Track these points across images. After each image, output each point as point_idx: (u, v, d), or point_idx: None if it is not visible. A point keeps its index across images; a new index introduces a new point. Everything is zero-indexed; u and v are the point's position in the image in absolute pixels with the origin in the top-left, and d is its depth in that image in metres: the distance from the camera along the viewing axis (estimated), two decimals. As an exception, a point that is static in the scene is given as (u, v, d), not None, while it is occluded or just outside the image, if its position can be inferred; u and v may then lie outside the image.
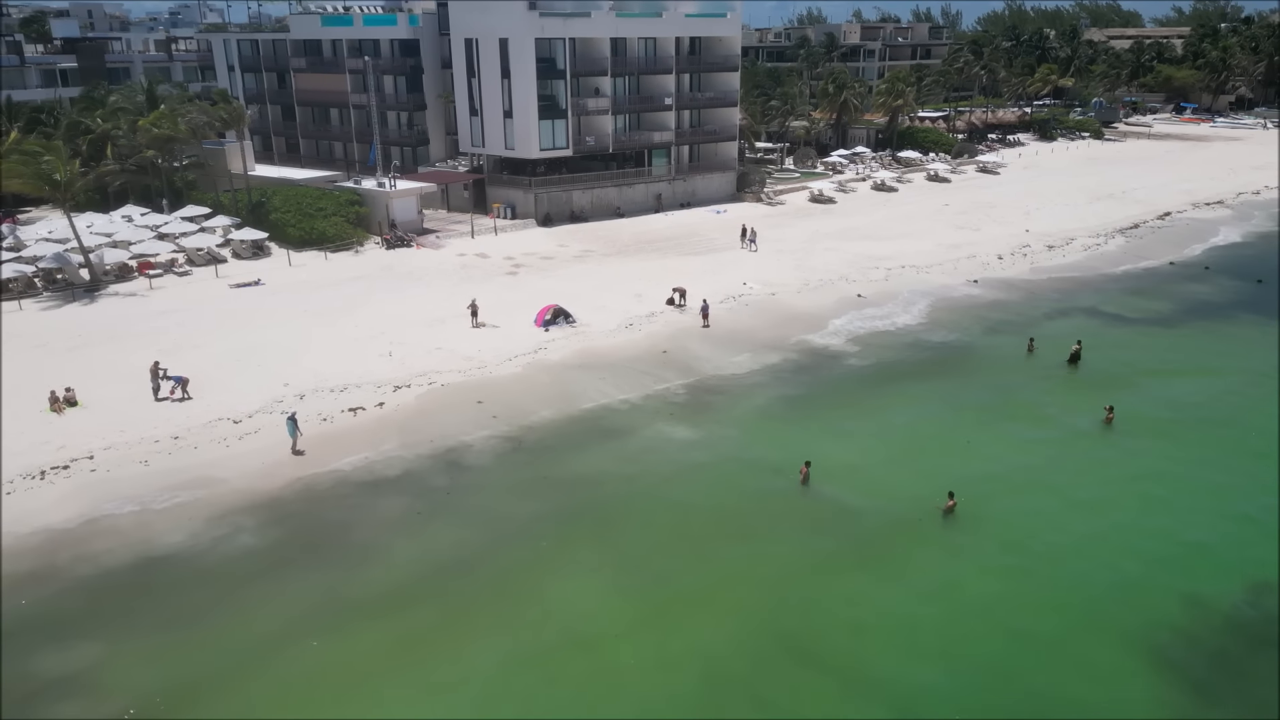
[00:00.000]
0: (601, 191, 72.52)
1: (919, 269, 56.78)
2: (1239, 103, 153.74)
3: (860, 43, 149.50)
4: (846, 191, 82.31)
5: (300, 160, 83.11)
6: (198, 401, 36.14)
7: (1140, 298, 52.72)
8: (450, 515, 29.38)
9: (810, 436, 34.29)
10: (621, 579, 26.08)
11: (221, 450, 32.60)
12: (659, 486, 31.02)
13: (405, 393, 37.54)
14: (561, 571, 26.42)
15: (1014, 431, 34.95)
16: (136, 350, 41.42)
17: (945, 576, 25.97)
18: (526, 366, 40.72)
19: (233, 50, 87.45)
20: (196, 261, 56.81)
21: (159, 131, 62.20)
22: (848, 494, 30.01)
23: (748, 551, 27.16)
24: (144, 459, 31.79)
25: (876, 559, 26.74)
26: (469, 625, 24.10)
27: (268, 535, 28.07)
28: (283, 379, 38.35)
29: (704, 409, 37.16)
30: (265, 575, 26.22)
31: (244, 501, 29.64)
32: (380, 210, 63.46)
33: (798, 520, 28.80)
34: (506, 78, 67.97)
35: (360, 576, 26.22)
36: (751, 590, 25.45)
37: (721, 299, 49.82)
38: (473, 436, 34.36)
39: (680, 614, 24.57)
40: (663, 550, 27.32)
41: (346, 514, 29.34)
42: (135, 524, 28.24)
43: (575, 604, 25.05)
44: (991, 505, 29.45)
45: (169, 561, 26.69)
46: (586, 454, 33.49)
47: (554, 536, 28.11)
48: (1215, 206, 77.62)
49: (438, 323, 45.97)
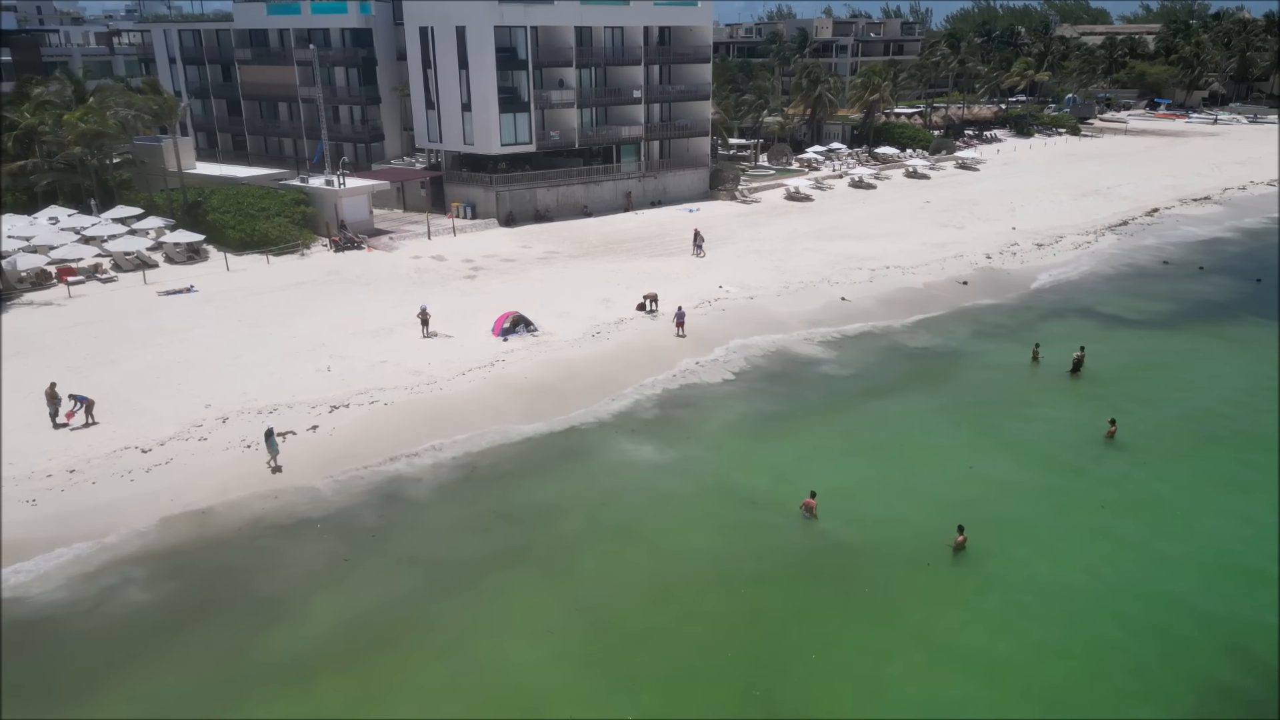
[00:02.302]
0: (568, 189, 68.57)
1: (904, 269, 53.39)
2: (1212, 98, 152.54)
3: (833, 38, 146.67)
4: (823, 189, 78.95)
5: (248, 158, 78.47)
6: (104, 426, 31.81)
7: (1137, 298, 49.70)
8: (381, 561, 25.36)
9: (796, 460, 30.62)
10: (584, 640, 22.19)
11: (124, 486, 28.32)
12: (628, 522, 27.21)
13: (343, 414, 33.43)
14: (511, 630, 22.50)
15: (1016, 451, 31.46)
16: (42, 368, 36.89)
17: (970, 637, 22.19)
18: (481, 381, 36.72)
19: (174, 41, 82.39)
20: (124, 267, 52.21)
21: (86, 126, 57.43)
22: (844, 529, 26.32)
23: (734, 603, 23.38)
24: (31, 497, 27.46)
25: (886, 613, 22.96)
26: (396, 699, 20.16)
27: (164, 589, 23.93)
28: (205, 399, 34.10)
29: (677, 427, 33.38)
30: (158, 637, 22.15)
31: (142, 548, 25.47)
32: (329, 210, 59.11)
33: (789, 562, 25.02)
34: (464, 69, 63.82)
35: (268, 639, 22.21)
36: (739, 653, 21.64)
37: (696, 304, 46.11)
38: (417, 464, 30.38)
39: (655, 684, 20.75)
40: (633, 602, 23.49)
41: (258, 562, 25.24)
42: (17, 579, 23.99)
43: (528, 673, 21.14)
44: (1000, 540, 25.90)
45: (49, 623, 22.52)
46: (546, 482, 29.61)
47: (503, 586, 24.20)
48: (1203, 203, 75.12)
49: (385, 333, 41.86)
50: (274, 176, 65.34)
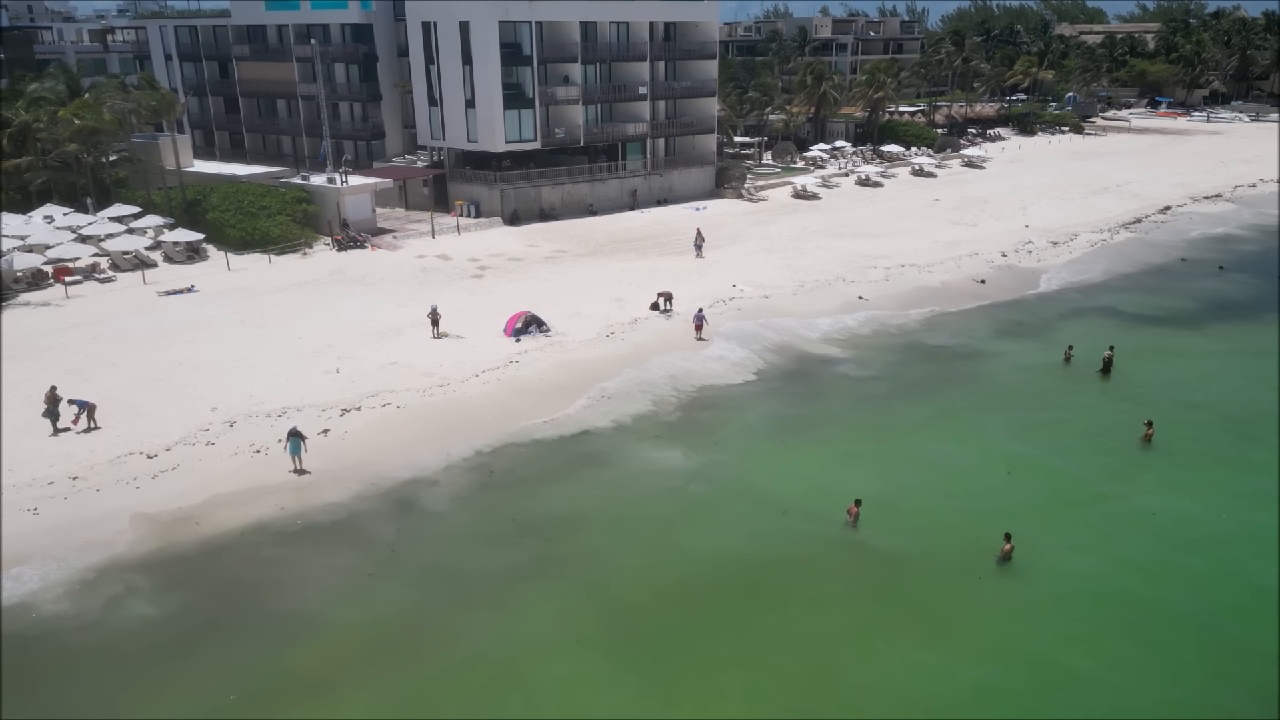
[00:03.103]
0: (573, 187, 67.44)
1: (919, 268, 52.41)
2: (1213, 97, 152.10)
3: (832, 37, 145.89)
4: (830, 187, 78.01)
5: (246, 156, 77.13)
6: (106, 431, 30.61)
7: (1158, 296, 48.86)
8: (404, 572, 24.24)
9: (826, 465, 29.64)
10: (619, 652, 21.13)
11: (130, 493, 27.13)
12: (656, 530, 26.11)
13: (354, 417, 32.27)
14: (543, 643, 21.42)
15: (1054, 455, 30.33)
16: (40, 370, 35.68)
17: (1024, 646, 21.18)
18: (495, 384, 35.58)
19: (169, 38, 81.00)
20: (122, 266, 50.93)
21: (81, 123, 56.12)
22: (886, 537, 25.25)
23: (773, 615, 22.30)
24: (33, 506, 26.25)
25: (936, 624, 21.90)
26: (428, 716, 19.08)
27: (174, 602, 22.76)
28: (210, 402, 32.90)
29: (701, 431, 32.30)
30: (172, 654, 20.97)
31: (150, 559, 24.29)
32: (331, 209, 57.89)
33: (829, 571, 23.98)
34: (468, 64, 62.64)
35: (290, 654, 21.07)
36: (782, 666, 20.60)
37: (711, 303, 45.02)
38: (433, 470, 29.21)
39: (694, 698, 19.70)
40: (667, 614, 22.40)
41: (274, 574, 24.07)
42: (14, 588, 22.80)
43: (563, 686, 20.10)
44: (1047, 548, 24.84)
45: (54, 638, 21.33)
46: (567, 489, 28.49)
47: (531, 597, 23.09)
48: (1215, 200, 74.36)
49: (393, 333, 40.69)
50: (274, 175, 64.11)
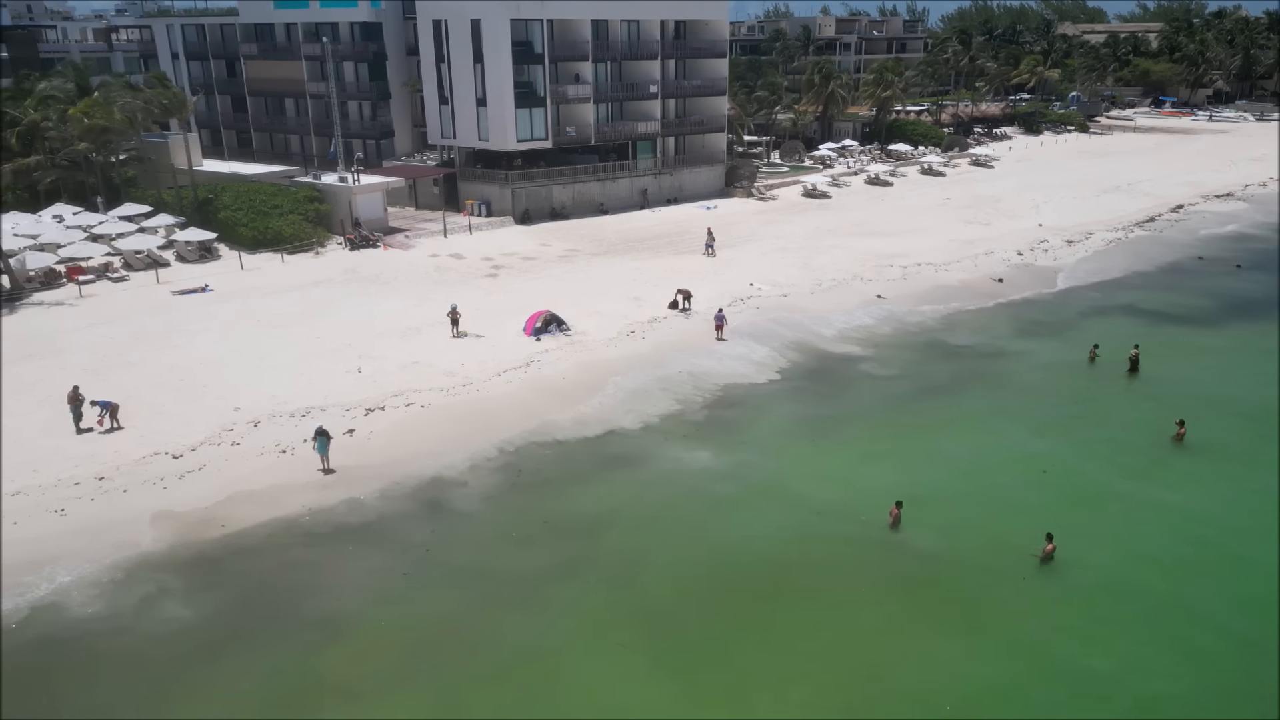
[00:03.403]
0: (584, 186, 67.17)
1: (936, 266, 52.20)
2: (1216, 96, 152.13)
3: (836, 36, 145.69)
4: (840, 186, 77.77)
5: (253, 155, 76.75)
6: (129, 431, 30.31)
7: (1177, 294, 48.68)
8: (438, 573, 23.98)
9: (858, 465, 29.37)
10: (659, 654, 20.83)
11: (157, 494, 26.84)
12: (690, 531, 25.83)
13: (379, 417, 31.99)
14: (583, 645, 21.16)
15: (1086, 455, 30.04)
16: (58, 370, 35.43)
17: (1070, 649, 20.88)
18: (519, 383, 35.29)
19: (176, 36, 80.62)
20: (135, 266, 50.61)
21: (92, 121, 55.75)
22: (926, 539, 24.97)
23: (816, 617, 22.04)
24: (60, 507, 25.95)
25: (980, 626, 21.69)
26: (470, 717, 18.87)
27: (208, 604, 22.47)
28: (233, 402, 32.61)
29: (728, 431, 32.02)
30: (207, 657, 20.69)
31: (181, 560, 24.01)
32: (343, 208, 57.57)
33: (872, 573, 23.71)
34: (479, 62, 62.37)
35: (327, 657, 20.80)
36: (824, 666, 20.36)
37: (729, 302, 44.79)
38: (461, 470, 28.93)
39: (740, 702, 19.43)
40: (708, 616, 22.11)
41: (306, 576, 23.78)
42: (45, 591, 22.51)
43: (604, 688, 19.83)
44: (1087, 548, 24.53)
45: (87, 641, 21.03)
46: (598, 489, 28.21)
47: (568, 599, 22.82)
48: (1226, 199, 74.21)
49: (413, 332, 40.42)
50: (284, 174, 63.84)
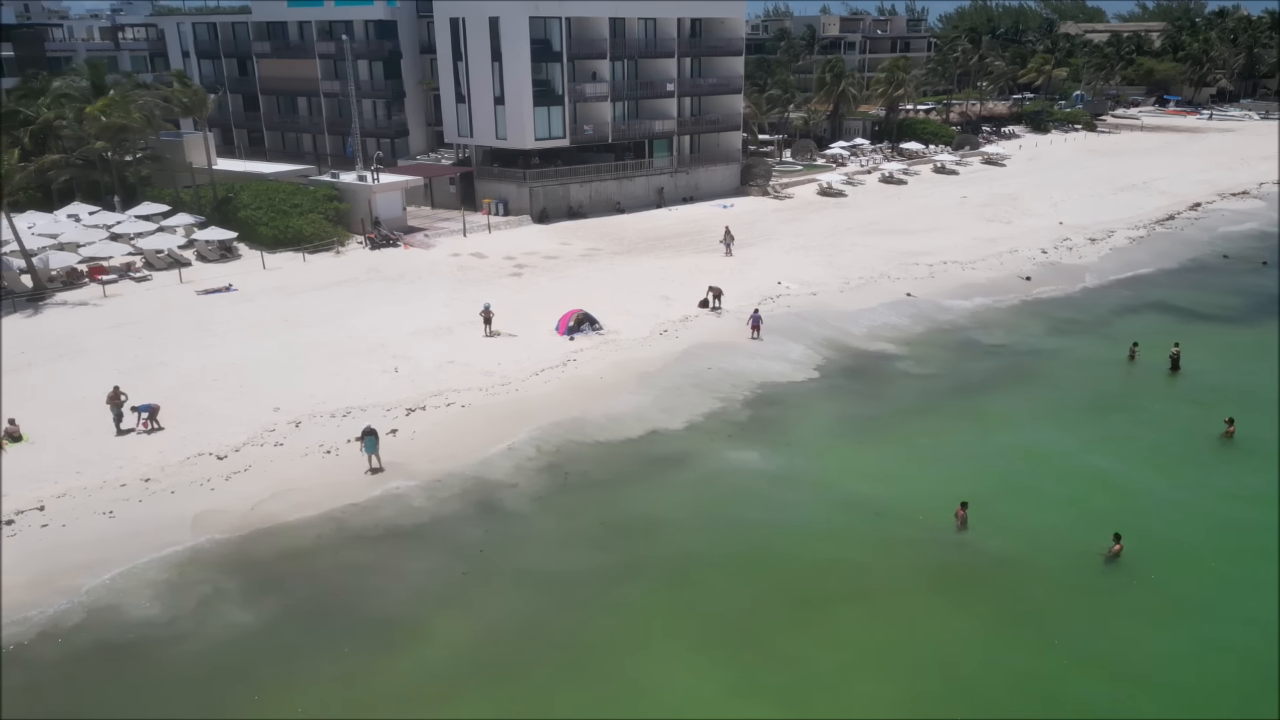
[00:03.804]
0: (600, 185, 66.83)
1: (962, 264, 51.99)
2: (1220, 95, 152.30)
3: (840, 35, 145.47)
4: (855, 184, 77.53)
5: (265, 154, 76.25)
6: (170, 432, 29.93)
7: (1206, 292, 48.56)
8: (495, 575, 23.66)
9: (909, 465, 29.13)
10: (734, 659, 20.51)
11: (205, 495, 26.49)
12: (746, 533, 25.51)
13: (420, 417, 31.64)
14: (654, 649, 20.83)
15: (1139, 455, 29.77)
16: (90, 370, 35.06)
17: (1148, 649, 20.71)
18: (557, 383, 34.96)
19: (187, 35, 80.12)
20: (156, 265, 50.16)
21: (109, 120, 55.27)
22: (986, 538, 24.73)
23: (884, 617, 21.77)
24: (108, 509, 25.58)
25: (1052, 626, 21.44)
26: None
27: (268, 607, 22.14)
28: (271, 402, 32.23)
29: (773, 430, 31.73)
30: (272, 661, 20.39)
31: (236, 562, 23.68)
32: (362, 207, 57.17)
33: (937, 574, 23.42)
34: (497, 61, 62.00)
35: (396, 660, 20.49)
36: (902, 671, 20.09)
37: (759, 300, 44.50)
38: (507, 471, 28.60)
39: (818, 704, 19.12)
40: (776, 619, 21.77)
41: (364, 578, 23.46)
42: (102, 594, 22.14)
43: (680, 693, 19.54)
44: (1152, 548, 24.31)
45: (149, 645, 20.68)
46: (646, 491, 27.89)
47: (633, 601, 22.52)
48: (1242, 197, 74.16)
49: (445, 332, 40.08)
50: (300, 172, 63.41)
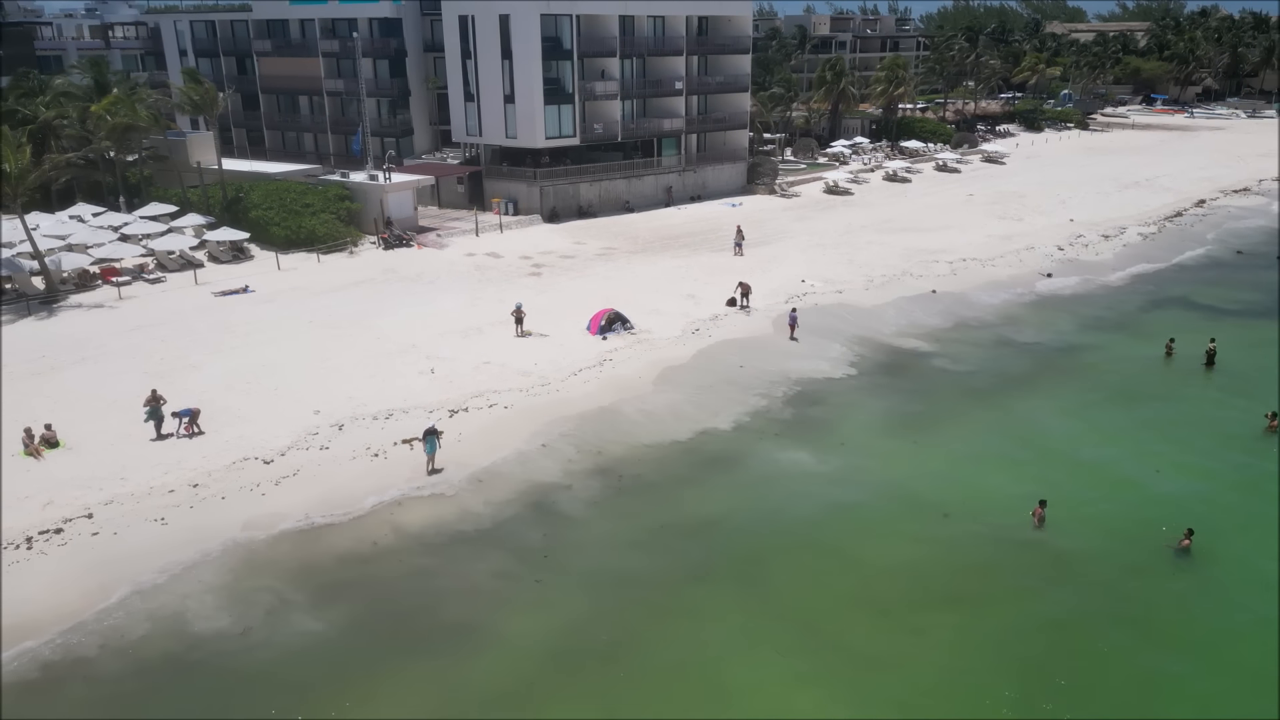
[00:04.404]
0: (610, 184, 66.40)
1: (982, 262, 51.99)
2: (1205, 94, 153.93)
3: (831, 35, 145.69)
4: (860, 182, 77.59)
5: (265, 153, 75.19)
6: (211, 436, 29.22)
7: (1227, 288, 48.80)
8: (564, 579, 23.20)
9: (966, 464, 28.96)
10: (821, 662, 20.15)
11: (256, 500, 25.85)
12: (812, 534, 25.16)
13: (464, 419, 31.09)
14: (740, 654, 20.43)
15: (1189, 449, 29.81)
16: (117, 374, 34.31)
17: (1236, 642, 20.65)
18: (597, 383, 34.48)
19: (184, 33, 78.90)
20: (169, 266, 49.28)
21: (116, 119, 54.27)
22: (1061, 537, 24.55)
23: (966, 619, 21.49)
24: (159, 515, 24.88)
25: (1141, 622, 21.32)
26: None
27: (337, 615, 21.57)
28: (310, 405, 31.58)
29: (821, 429, 31.43)
30: (351, 670, 19.82)
31: (297, 569, 23.08)
32: (374, 206, 56.44)
33: (1015, 575, 23.16)
34: (508, 59, 61.43)
35: (476, 667, 20.03)
36: (991, 671, 19.82)
37: (785, 299, 44.32)
38: (559, 474, 28.12)
39: (915, 708, 18.84)
40: (858, 623, 21.45)
41: (432, 582, 22.97)
42: (165, 607, 21.48)
43: (770, 696, 19.21)
44: (1221, 541, 24.30)
45: (220, 656, 20.07)
46: (702, 492, 27.49)
47: (708, 605, 22.13)
48: (1244, 194, 74.81)
49: (474, 332, 39.54)
50: (306, 172, 62.52)
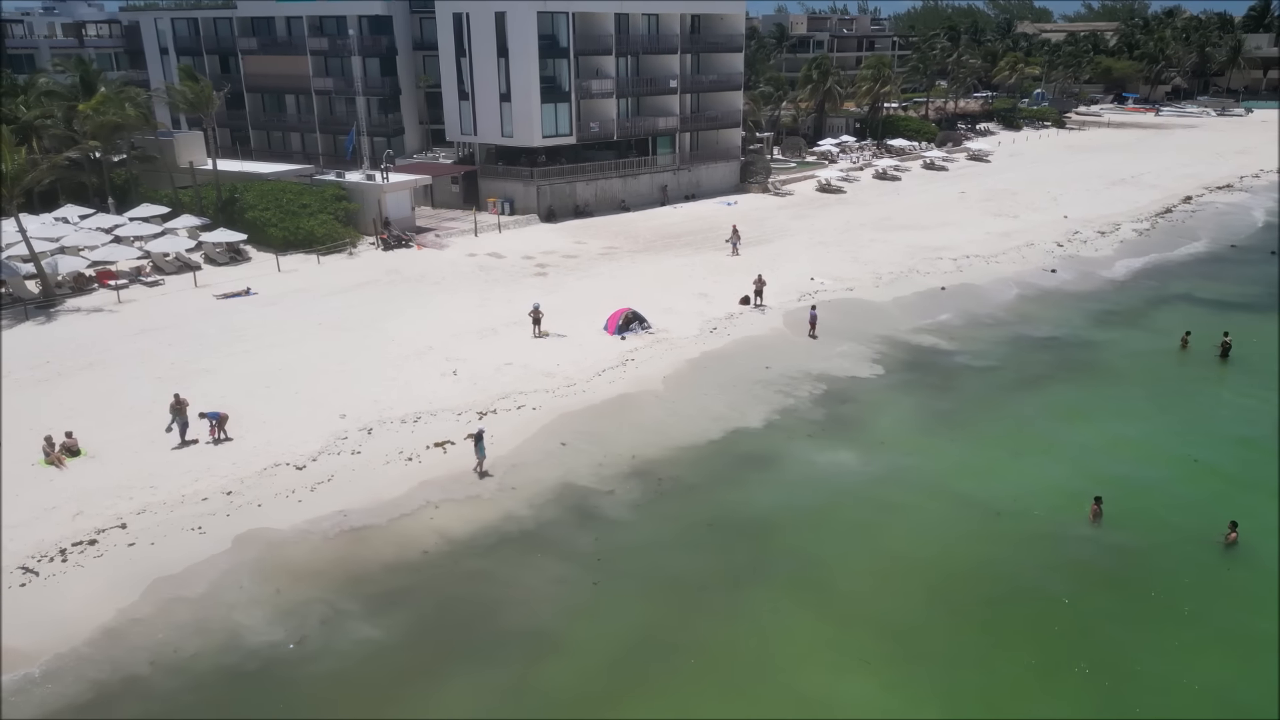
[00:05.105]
0: (606, 183, 65.94)
1: (985, 259, 52.23)
2: (1174, 92, 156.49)
3: (808, 34, 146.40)
4: (851, 181, 77.77)
5: (250, 153, 73.73)
6: (238, 442, 28.42)
7: (1227, 282, 49.53)
8: (621, 583, 22.77)
9: (1007, 460, 28.94)
10: (908, 669, 19.81)
11: (293, 507, 25.16)
12: (866, 535, 24.92)
13: (493, 420, 30.51)
14: (810, 657, 20.15)
15: (1220, 441, 30.09)
16: (128, 379, 33.41)
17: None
18: (622, 383, 34.06)
19: (165, 31, 77.19)
20: (165, 269, 48.10)
21: (105, 119, 52.88)
22: (1112, 534, 24.57)
23: (1043, 618, 21.33)
24: (195, 524, 24.12)
25: (1193, 617, 21.37)
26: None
27: (394, 622, 21.01)
28: (334, 409, 30.86)
29: (855, 427, 31.24)
30: (417, 679, 19.32)
31: (344, 575, 22.48)
32: (372, 207, 55.52)
33: (1078, 572, 23.02)
34: (504, 57, 60.77)
35: (543, 673, 19.59)
36: (1075, 668, 19.71)
37: (798, 296, 44.26)
38: (597, 476, 27.65)
39: (1004, 708, 18.67)
40: (931, 624, 21.14)
41: (486, 587, 22.47)
42: (213, 619, 20.77)
43: (846, 699, 18.94)
44: (1258, 531, 24.41)
45: (279, 667, 19.44)
46: (743, 493, 27.16)
47: (767, 607, 21.80)
48: (1228, 190, 76.00)
49: (489, 333, 38.98)
50: (299, 172, 61.42)
